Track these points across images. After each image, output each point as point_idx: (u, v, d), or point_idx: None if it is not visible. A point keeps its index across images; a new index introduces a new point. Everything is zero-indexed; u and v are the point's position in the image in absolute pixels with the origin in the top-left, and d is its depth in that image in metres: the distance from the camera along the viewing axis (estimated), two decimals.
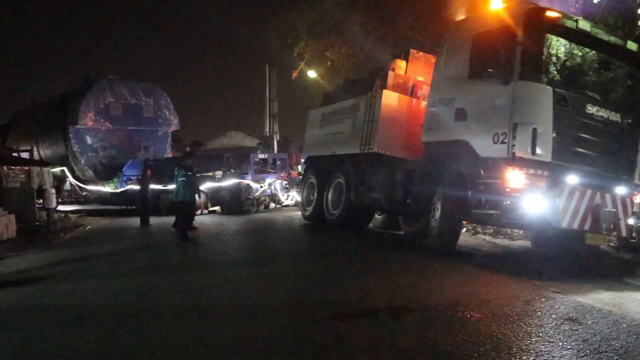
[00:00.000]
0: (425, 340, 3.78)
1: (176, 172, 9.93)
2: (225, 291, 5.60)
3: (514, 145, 6.09)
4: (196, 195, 10.79)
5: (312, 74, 18.50)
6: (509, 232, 9.55)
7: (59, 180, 20.49)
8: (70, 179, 20.08)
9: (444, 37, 8.11)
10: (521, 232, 9.26)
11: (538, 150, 6.05)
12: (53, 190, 13.48)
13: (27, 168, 13.24)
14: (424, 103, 9.50)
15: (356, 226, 10.28)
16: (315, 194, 11.52)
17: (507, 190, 6.12)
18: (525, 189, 6.03)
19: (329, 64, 17.47)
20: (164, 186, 15.03)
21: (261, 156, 16.71)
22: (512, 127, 6.13)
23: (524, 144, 6.05)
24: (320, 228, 11.04)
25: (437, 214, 7.18)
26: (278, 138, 18.60)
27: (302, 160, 16.10)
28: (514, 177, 6.08)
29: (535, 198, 6.00)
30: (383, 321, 4.37)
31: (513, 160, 6.12)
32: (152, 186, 13.93)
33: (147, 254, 9.00)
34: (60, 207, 17.80)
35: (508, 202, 6.14)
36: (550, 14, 6.26)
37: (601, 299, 5.14)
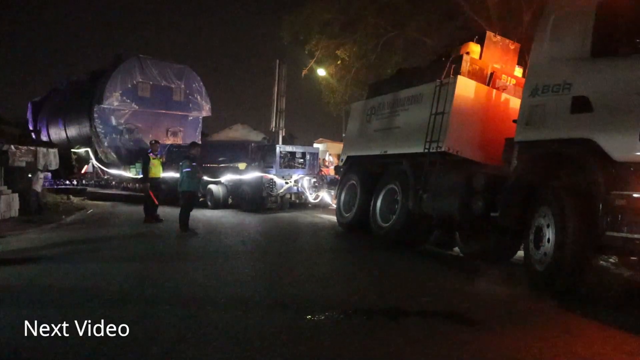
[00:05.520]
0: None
1: (181, 163, 9.95)
2: (224, 283, 5.49)
3: None
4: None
5: (321, 72, 18.40)
6: None
7: (83, 161, 19.56)
8: (93, 161, 19.08)
9: (549, 7, 6.24)
10: None
11: None
12: (42, 175, 12.89)
13: (33, 148, 12.71)
14: (504, 95, 7.86)
15: (413, 243, 8.27)
16: (357, 200, 9.74)
17: None
18: None
19: (339, 62, 17.38)
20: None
21: (289, 149, 14.88)
22: None
23: None
24: (357, 237, 9.26)
25: (548, 243, 5.14)
26: (284, 134, 17.64)
27: (341, 160, 14.45)
28: None
29: None
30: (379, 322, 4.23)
31: None
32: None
33: (146, 240, 8.95)
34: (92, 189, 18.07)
35: None
36: None
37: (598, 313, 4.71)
